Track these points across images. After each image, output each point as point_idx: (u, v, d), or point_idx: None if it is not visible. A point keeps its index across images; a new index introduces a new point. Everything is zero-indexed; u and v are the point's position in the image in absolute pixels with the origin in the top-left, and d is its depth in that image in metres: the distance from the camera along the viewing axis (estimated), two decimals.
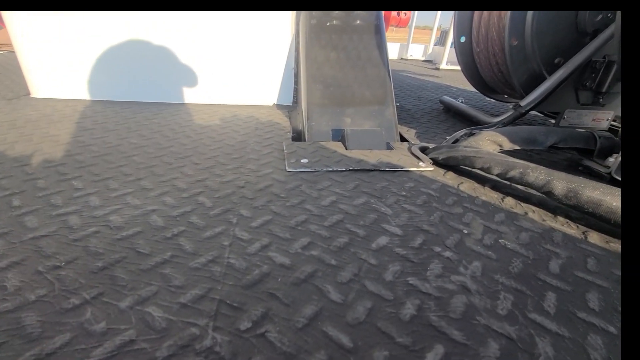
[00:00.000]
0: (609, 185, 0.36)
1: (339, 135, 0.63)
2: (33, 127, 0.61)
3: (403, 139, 0.69)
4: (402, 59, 2.87)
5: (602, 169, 0.51)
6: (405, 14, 2.50)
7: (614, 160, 0.49)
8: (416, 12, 2.78)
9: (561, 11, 0.64)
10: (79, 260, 0.28)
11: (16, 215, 0.34)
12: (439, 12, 2.49)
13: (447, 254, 0.32)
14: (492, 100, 1.03)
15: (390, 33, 3.01)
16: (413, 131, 0.75)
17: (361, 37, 0.77)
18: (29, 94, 0.84)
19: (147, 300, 0.24)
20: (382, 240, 0.33)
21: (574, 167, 0.56)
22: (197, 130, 0.64)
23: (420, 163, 0.53)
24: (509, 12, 0.66)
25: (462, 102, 0.91)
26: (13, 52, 1.55)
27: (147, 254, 0.29)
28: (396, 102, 1.03)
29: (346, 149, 0.57)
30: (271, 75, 0.88)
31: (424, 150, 0.58)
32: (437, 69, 2.20)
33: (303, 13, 0.78)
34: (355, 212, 0.38)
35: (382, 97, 0.69)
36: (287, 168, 0.49)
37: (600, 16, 0.61)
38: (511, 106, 0.69)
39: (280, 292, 0.26)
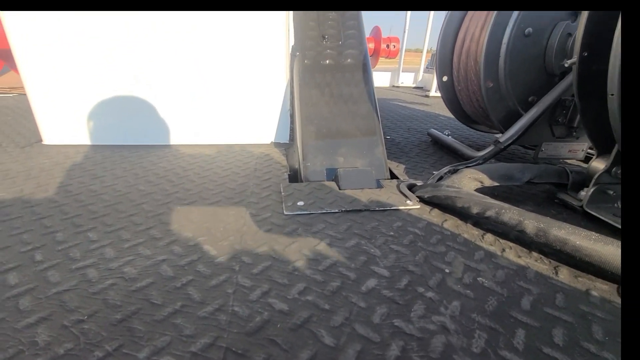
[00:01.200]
0: (573, 226, 0.40)
1: (333, 174, 0.67)
2: (47, 177, 0.65)
3: (393, 175, 0.74)
4: (393, 86, 2.99)
5: (575, 202, 0.55)
6: (394, 45, 2.64)
7: (585, 193, 0.54)
8: (405, 39, 2.92)
9: (530, 54, 0.71)
10: (100, 313, 0.31)
11: (39, 270, 0.37)
12: (428, 35, 2.61)
13: (430, 294, 0.35)
14: (477, 131, 1.09)
15: (381, 63, 3.16)
16: (402, 166, 0.80)
17: (352, 75, 0.84)
18: (41, 140, 0.89)
19: (162, 350, 0.28)
20: (371, 282, 0.37)
21: (551, 200, 0.60)
22: (200, 174, 0.69)
23: (408, 201, 0.57)
24: (483, 56, 0.73)
25: (448, 134, 0.97)
26: (24, 94, 1.63)
27: (159, 304, 0.33)
28: (387, 136, 1.08)
29: (339, 189, 0.61)
30: (269, 115, 0.94)
31: (411, 187, 0.62)
32: (427, 96, 2.30)
33: (297, 56, 0.85)
34: (347, 255, 0.42)
35: (371, 136, 0.75)
36: (284, 212, 0.53)
37: (566, 62, 0.67)
38: (492, 141, 0.75)
39: (279, 338, 0.29)
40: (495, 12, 0.71)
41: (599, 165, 0.53)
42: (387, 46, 2.72)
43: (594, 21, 0.46)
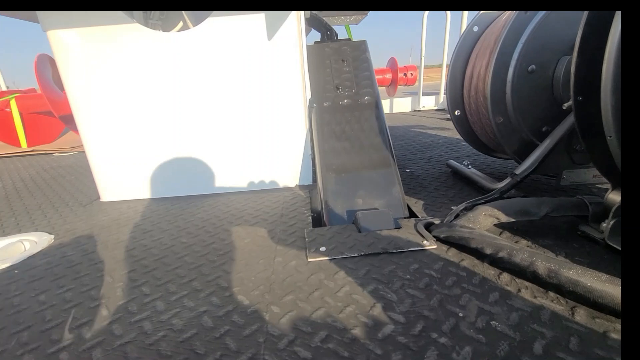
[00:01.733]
0: (584, 267, 0.41)
1: (353, 216, 0.72)
2: (107, 234, 0.75)
3: (412, 213, 0.77)
4: (415, 110, 3.03)
5: (596, 235, 0.55)
6: (412, 73, 2.71)
7: (607, 225, 0.53)
8: (422, 59, 2.97)
9: (537, 88, 0.73)
10: None
11: (106, 324, 0.45)
12: (446, 51, 2.62)
13: (443, 340, 0.38)
14: (498, 158, 1.09)
15: (401, 89, 3.22)
16: (421, 202, 0.82)
17: (370, 113, 0.91)
18: (99, 198, 1.02)
19: None
20: (387, 329, 0.40)
21: (572, 232, 0.60)
22: (233, 223, 0.76)
23: (425, 242, 0.60)
24: (489, 95, 0.76)
25: (467, 165, 0.98)
26: (82, 152, 1.86)
27: (203, 354, 0.38)
28: (407, 169, 1.12)
29: (359, 232, 0.66)
30: (292, 161, 1.01)
31: (428, 226, 0.65)
32: (449, 119, 2.31)
33: (314, 107, 0.93)
34: (365, 302, 0.45)
35: (386, 167, 0.80)
36: (308, 258, 0.58)
37: (564, 106, 0.68)
38: (509, 174, 0.76)
39: None
40: (498, 51, 0.75)
41: (615, 197, 0.53)
42: (405, 75, 2.79)
43: (585, 65, 0.48)
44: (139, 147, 0.97)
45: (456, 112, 0.97)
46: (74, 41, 0.88)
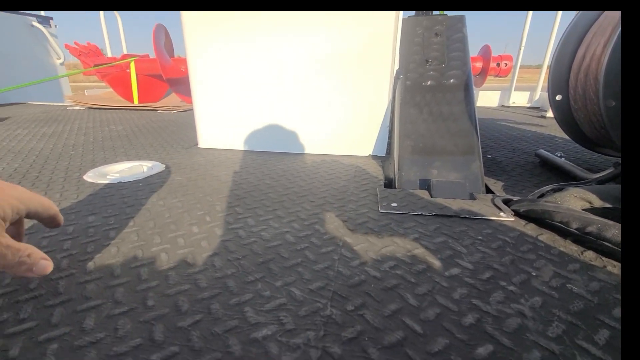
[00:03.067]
0: None
1: (426, 185, 0.73)
2: (204, 170, 0.89)
3: (489, 191, 0.74)
4: (502, 106, 2.78)
5: None
6: (506, 64, 2.47)
7: None
8: (520, 55, 2.72)
9: None
10: (248, 256, 0.45)
11: (209, 227, 0.55)
12: (550, 51, 2.38)
13: (511, 287, 0.38)
14: (597, 154, 0.97)
15: (490, 82, 2.97)
16: (501, 184, 0.79)
17: (453, 95, 0.88)
18: (197, 144, 1.19)
19: (290, 285, 0.39)
20: (454, 270, 0.42)
21: None
22: (310, 176, 0.83)
23: (501, 213, 0.58)
24: (602, 74, 0.69)
25: (560, 156, 0.90)
26: (181, 111, 2.13)
27: (287, 257, 0.45)
28: (488, 155, 1.07)
29: (431, 197, 0.67)
30: (369, 131, 1.04)
31: (507, 202, 0.63)
32: (543, 116, 2.08)
33: (400, 79, 0.94)
34: (434, 248, 0.47)
35: (468, 151, 0.77)
36: (379, 209, 0.61)
37: None
38: (612, 163, 0.69)
39: (373, 293, 0.38)
40: (620, 28, 0.67)
41: None
42: (498, 64, 2.56)
43: None
44: (235, 107, 1.10)
45: (557, 97, 0.89)
46: (199, 15, 1.01)
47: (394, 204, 0.63)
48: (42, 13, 3.35)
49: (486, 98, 2.90)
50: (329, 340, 0.31)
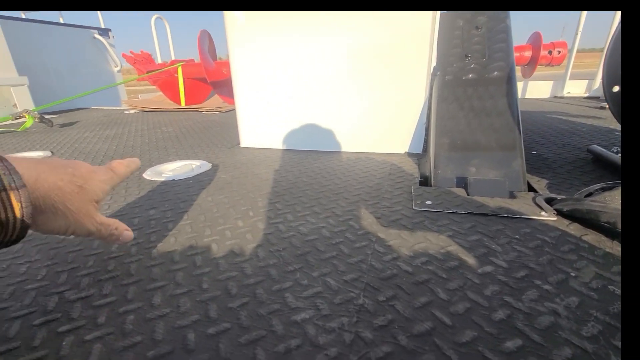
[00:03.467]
0: None
1: (463, 183, 0.72)
2: (246, 168, 0.95)
3: (532, 189, 0.72)
4: (555, 97, 2.58)
5: None
6: (560, 51, 2.28)
7: None
8: (577, 41, 2.51)
9: None
10: (288, 249, 0.49)
11: (252, 221, 0.60)
12: (612, 32, 2.18)
13: (547, 287, 0.38)
14: None
15: (540, 70, 2.76)
16: (545, 182, 0.76)
17: (496, 88, 0.86)
18: (239, 143, 1.27)
19: (327, 275, 0.42)
20: (487, 268, 0.42)
21: None
22: (345, 174, 0.85)
23: (542, 213, 0.57)
24: None
25: (617, 152, 0.84)
26: (224, 112, 2.25)
27: (323, 251, 0.48)
28: (533, 151, 1.01)
29: (468, 195, 0.66)
30: (405, 128, 1.04)
31: (550, 201, 0.61)
32: (603, 107, 1.90)
33: (438, 75, 0.93)
34: (467, 246, 0.48)
35: (510, 147, 0.75)
36: (413, 207, 0.62)
37: None
38: None
39: (404, 286, 0.40)
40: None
41: None
42: (550, 52, 2.38)
43: None
44: (273, 108, 1.15)
45: (614, 89, 0.82)
46: (241, 18, 1.08)
47: (428, 202, 0.64)
48: (102, 25, 3.70)
49: (536, 89, 2.71)
50: (361, 326, 0.33)
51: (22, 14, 3.48)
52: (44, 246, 0.52)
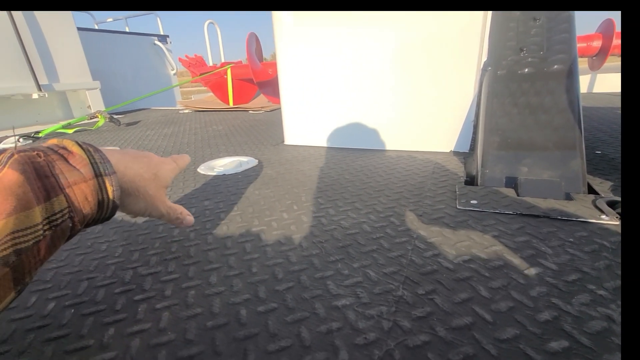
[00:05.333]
0: None
1: (512, 183, 0.69)
2: (290, 165, 0.99)
3: (592, 192, 0.67)
4: None
5: None
6: None
7: None
8: None
9: None
10: (330, 241, 0.52)
11: (296, 215, 0.63)
12: None
13: (601, 292, 0.36)
14: None
15: (612, 61, 2.48)
16: (609, 184, 0.70)
17: (556, 83, 0.80)
18: (283, 141, 1.32)
19: (367, 267, 0.44)
20: (535, 269, 0.41)
21: None
22: (387, 172, 0.86)
23: (603, 216, 0.53)
24: None
25: None
26: (269, 111, 2.33)
27: (363, 244, 0.50)
28: (597, 150, 0.93)
29: (518, 195, 0.63)
30: (452, 126, 1.01)
31: (612, 204, 0.57)
32: None
33: (489, 70, 0.89)
34: (514, 247, 0.47)
35: (568, 145, 0.70)
36: (457, 206, 0.61)
37: None
38: None
39: (444, 281, 0.40)
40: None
41: None
42: None
43: None
44: (318, 107, 1.19)
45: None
46: (288, 20, 1.12)
47: (473, 201, 0.62)
48: (162, 32, 4.03)
49: (606, 82, 2.45)
50: (400, 315, 0.35)
51: (95, 25, 3.92)
52: (118, 229, 0.60)
